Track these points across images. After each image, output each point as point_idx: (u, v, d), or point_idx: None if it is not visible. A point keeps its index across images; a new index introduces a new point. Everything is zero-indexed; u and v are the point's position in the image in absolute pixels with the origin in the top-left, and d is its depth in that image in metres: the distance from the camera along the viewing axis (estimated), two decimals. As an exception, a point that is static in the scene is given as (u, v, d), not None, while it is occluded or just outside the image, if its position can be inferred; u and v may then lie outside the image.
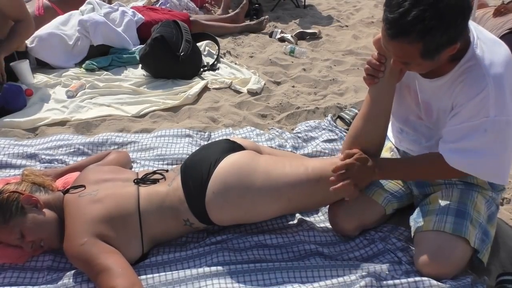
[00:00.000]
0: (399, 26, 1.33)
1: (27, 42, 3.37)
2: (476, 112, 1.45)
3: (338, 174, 1.61)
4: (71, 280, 1.56)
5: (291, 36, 4.27)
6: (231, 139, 1.84)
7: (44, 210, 1.65)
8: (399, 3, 1.31)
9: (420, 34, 1.32)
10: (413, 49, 1.36)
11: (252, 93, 3.15)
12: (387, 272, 1.58)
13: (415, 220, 1.68)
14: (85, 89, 3.13)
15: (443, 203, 1.66)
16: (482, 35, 1.50)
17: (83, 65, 3.44)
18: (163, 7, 4.48)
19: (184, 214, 1.67)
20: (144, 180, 1.75)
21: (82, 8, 3.83)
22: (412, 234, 1.68)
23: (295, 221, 1.92)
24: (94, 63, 3.45)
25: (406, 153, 1.87)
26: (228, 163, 1.67)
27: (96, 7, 3.82)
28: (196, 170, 1.69)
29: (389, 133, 1.98)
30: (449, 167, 1.53)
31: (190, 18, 4.12)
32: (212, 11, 5.02)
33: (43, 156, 2.30)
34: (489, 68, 1.43)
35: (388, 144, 1.99)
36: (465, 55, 1.47)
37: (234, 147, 1.77)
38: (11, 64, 3.05)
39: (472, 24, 1.50)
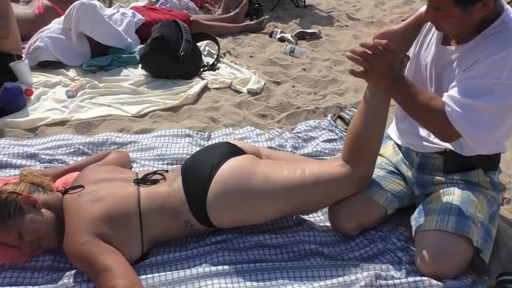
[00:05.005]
0: None
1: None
2: (489, 70, 1.44)
3: (363, 53, 1.55)
4: (71, 280, 1.56)
5: (291, 36, 4.26)
6: (231, 142, 1.85)
7: (43, 210, 1.65)
8: None
9: None
10: None
11: (252, 93, 3.15)
12: (387, 272, 1.58)
13: (416, 219, 1.68)
14: (85, 89, 3.13)
15: (444, 202, 1.66)
16: None
17: (83, 66, 3.44)
18: (163, 7, 4.48)
19: (185, 215, 1.67)
20: (144, 180, 1.75)
21: None
22: (413, 233, 1.67)
23: (295, 221, 1.92)
24: (94, 62, 3.45)
25: (408, 149, 1.86)
26: (229, 166, 1.68)
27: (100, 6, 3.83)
28: (197, 173, 1.69)
29: (391, 130, 1.98)
30: (444, 122, 1.49)
31: (190, 18, 4.12)
32: (212, 11, 5.02)
33: (43, 156, 2.29)
34: None
35: (390, 143, 1.99)
36: (495, 21, 1.48)
37: (234, 150, 1.78)
38: (10, 64, 3.05)
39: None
